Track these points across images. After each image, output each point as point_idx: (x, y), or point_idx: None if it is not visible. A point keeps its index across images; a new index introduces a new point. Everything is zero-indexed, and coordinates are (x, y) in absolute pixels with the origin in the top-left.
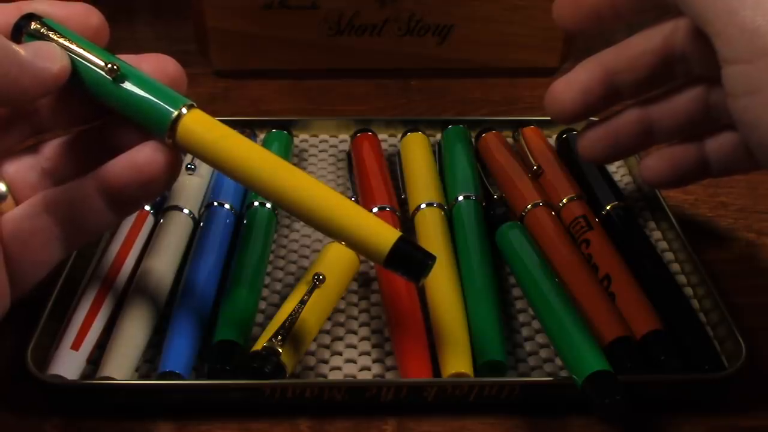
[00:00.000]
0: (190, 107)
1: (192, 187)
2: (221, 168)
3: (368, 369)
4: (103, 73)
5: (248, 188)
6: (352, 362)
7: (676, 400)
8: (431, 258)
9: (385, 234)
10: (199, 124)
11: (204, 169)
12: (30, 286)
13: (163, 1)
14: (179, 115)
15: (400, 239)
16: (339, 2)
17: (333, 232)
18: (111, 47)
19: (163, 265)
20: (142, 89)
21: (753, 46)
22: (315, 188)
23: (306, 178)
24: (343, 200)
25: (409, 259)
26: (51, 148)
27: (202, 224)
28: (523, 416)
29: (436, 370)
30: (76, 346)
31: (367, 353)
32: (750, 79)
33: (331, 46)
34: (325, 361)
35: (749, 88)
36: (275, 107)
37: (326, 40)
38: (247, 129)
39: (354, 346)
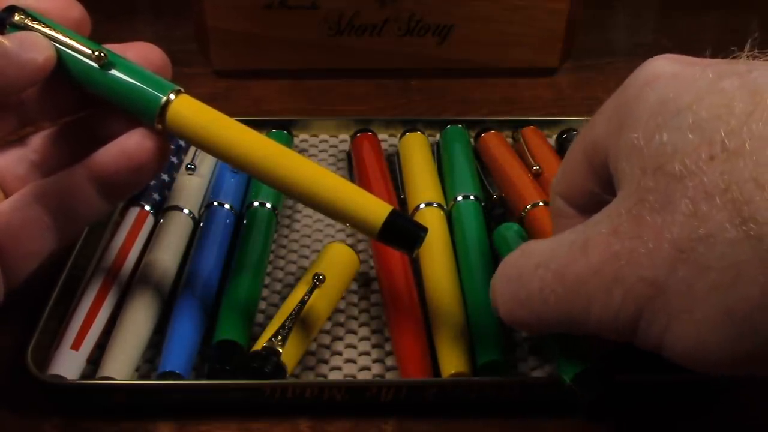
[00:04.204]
0: (177, 92)
1: (192, 187)
2: (212, 151)
3: (368, 369)
4: (89, 61)
5: (240, 169)
6: (352, 362)
7: (675, 400)
8: (423, 230)
9: (377, 208)
10: (188, 109)
11: (204, 169)
12: (23, 278)
13: (163, 1)
14: (168, 101)
15: (392, 213)
16: (339, 2)
17: (326, 208)
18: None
19: (163, 265)
20: (129, 76)
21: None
22: (307, 166)
23: (297, 158)
24: (335, 177)
25: (402, 231)
26: (39, 139)
27: (202, 224)
28: (523, 416)
29: (436, 370)
30: (76, 346)
31: (367, 353)
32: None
33: (331, 46)
34: (325, 361)
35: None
36: (275, 107)
37: (326, 40)
38: None
39: (354, 346)
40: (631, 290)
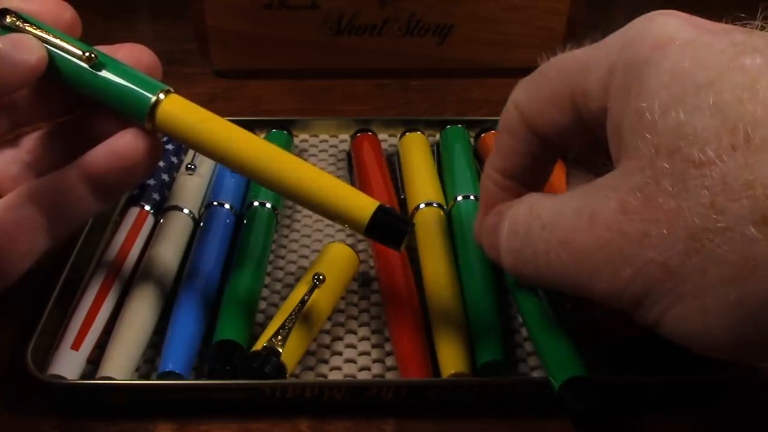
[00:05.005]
0: (167, 92)
1: (192, 187)
2: (201, 149)
3: (368, 369)
4: (80, 62)
5: (230, 168)
6: (352, 362)
7: (676, 401)
8: (409, 225)
9: (364, 204)
10: (177, 108)
11: (204, 169)
12: (16, 277)
13: (163, 1)
14: (158, 100)
15: (379, 208)
16: (339, 2)
17: (314, 204)
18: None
19: (163, 265)
20: (119, 77)
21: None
22: (295, 164)
23: (285, 155)
24: (324, 174)
25: (388, 227)
26: (31, 140)
27: (202, 224)
28: (523, 416)
29: (436, 370)
30: (76, 346)
31: (367, 353)
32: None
33: (331, 46)
34: (325, 361)
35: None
36: (275, 107)
37: (326, 40)
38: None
39: (354, 346)
40: (641, 270)
